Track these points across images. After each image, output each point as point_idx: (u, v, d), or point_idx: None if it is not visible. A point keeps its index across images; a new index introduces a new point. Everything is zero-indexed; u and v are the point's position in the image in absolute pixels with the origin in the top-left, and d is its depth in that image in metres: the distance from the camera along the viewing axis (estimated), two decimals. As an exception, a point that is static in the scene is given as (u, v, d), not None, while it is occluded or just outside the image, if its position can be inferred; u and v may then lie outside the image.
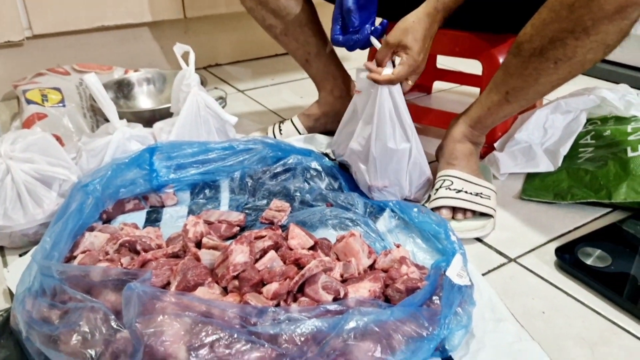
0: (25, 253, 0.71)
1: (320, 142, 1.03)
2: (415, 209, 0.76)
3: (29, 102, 0.98)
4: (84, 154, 0.82)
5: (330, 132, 1.06)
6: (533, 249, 0.76)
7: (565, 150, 0.91)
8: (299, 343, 0.49)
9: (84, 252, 0.65)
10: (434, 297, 0.60)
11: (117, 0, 1.28)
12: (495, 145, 0.97)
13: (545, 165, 0.92)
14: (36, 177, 0.73)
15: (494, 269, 0.72)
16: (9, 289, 0.65)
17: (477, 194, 0.80)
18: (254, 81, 1.46)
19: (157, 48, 1.43)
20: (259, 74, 1.52)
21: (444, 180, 0.83)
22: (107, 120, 0.86)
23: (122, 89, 1.13)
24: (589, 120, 1.00)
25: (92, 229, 0.71)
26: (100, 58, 1.30)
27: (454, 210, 0.81)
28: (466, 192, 0.80)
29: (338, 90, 1.06)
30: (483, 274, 0.71)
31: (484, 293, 0.66)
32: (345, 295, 0.57)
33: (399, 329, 0.53)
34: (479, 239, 0.78)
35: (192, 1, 1.39)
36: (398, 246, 0.68)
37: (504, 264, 0.73)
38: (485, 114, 0.82)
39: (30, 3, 1.17)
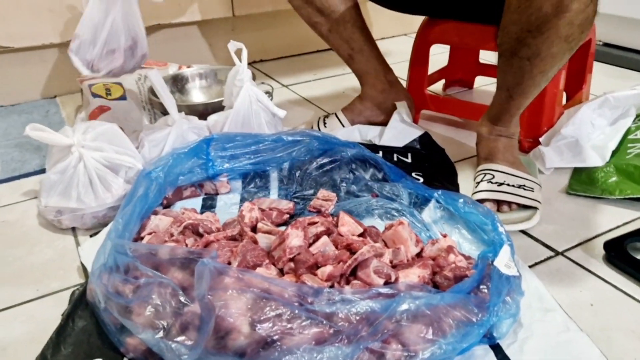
0: (96, 234, 0.77)
1: (364, 132, 1.06)
2: (461, 200, 0.78)
3: (94, 95, 1.05)
4: (146, 144, 0.87)
5: (373, 125, 1.09)
6: (580, 243, 0.77)
7: (613, 145, 0.91)
8: (354, 322, 0.52)
9: (150, 233, 0.70)
10: (482, 286, 0.61)
11: (171, 0, 1.34)
12: (541, 139, 0.98)
13: (592, 160, 0.92)
14: (105, 165, 0.79)
15: (541, 261, 0.73)
16: (83, 266, 0.71)
17: (520, 186, 0.81)
18: (297, 76, 1.50)
19: (206, 45, 1.49)
20: (302, 69, 1.56)
21: (485, 174, 0.85)
22: (163, 113, 0.91)
23: (177, 84, 1.19)
24: (638, 116, 0.99)
25: (156, 213, 0.76)
26: (154, 54, 1.36)
27: (498, 203, 0.82)
28: (508, 184, 0.81)
29: (380, 84, 1.08)
30: (530, 266, 0.72)
31: (531, 284, 0.67)
32: (396, 279, 0.60)
33: (449, 313, 0.55)
34: (524, 232, 0.80)
35: (240, 0, 1.44)
36: (445, 236, 0.71)
37: (550, 257, 0.74)
38: (499, 111, 0.86)
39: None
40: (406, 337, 0.53)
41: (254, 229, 0.72)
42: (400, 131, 1.06)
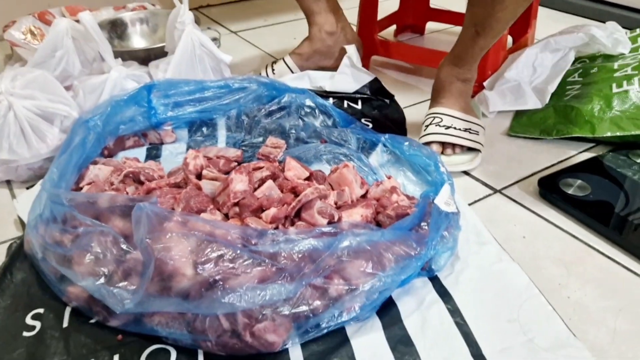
0: (32, 186, 0.74)
1: (314, 79, 1.05)
2: (407, 143, 0.79)
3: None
4: (81, 92, 0.83)
5: (322, 69, 1.08)
6: (517, 181, 0.80)
7: (552, 87, 0.93)
8: (297, 260, 0.53)
9: (89, 183, 0.68)
10: (422, 224, 0.64)
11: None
12: (485, 84, 0.99)
13: (533, 102, 0.95)
14: (38, 114, 0.75)
15: (480, 199, 0.76)
16: (20, 219, 0.68)
17: (465, 130, 0.83)
18: (246, 22, 1.45)
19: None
20: (251, 14, 1.50)
21: (434, 117, 0.86)
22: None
23: (115, 29, 1.13)
24: (578, 59, 1.02)
25: (95, 163, 0.73)
26: (90, -2, 1.28)
27: (444, 145, 0.84)
28: (455, 127, 0.83)
29: (329, 26, 1.06)
30: (469, 204, 0.75)
31: (470, 220, 0.70)
32: (339, 219, 0.61)
33: (389, 249, 0.57)
34: (466, 172, 0.82)
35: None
36: (389, 177, 0.72)
37: (489, 195, 0.77)
38: (463, 50, 0.84)
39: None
40: (347, 272, 0.54)
41: (199, 176, 0.71)
42: (350, 76, 1.05)
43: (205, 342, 0.51)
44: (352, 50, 1.05)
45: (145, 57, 0.98)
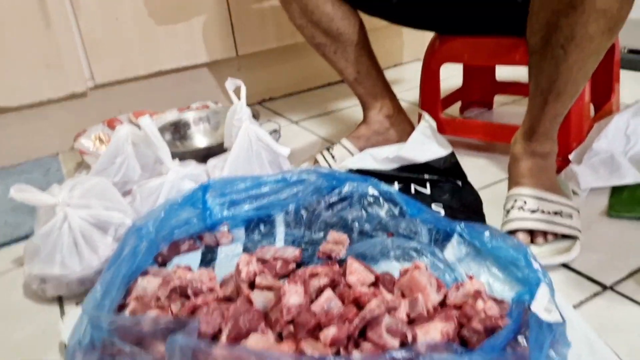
0: (82, 302, 0.70)
1: (378, 155, 0.98)
2: (487, 233, 0.68)
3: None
4: (138, 197, 0.81)
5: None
6: (631, 274, 0.66)
7: (656, 157, 0.80)
8: (363, 398, 0.43)
9: (136, 299, 0.63)
10: (519, 337, 0.52)
11: (172, 45, 1.31)
12: (571, 157, 0.88)
13: (632, 176, 0.82)
14: (92, 223, 0.73)
15: (587, 299, 0.63)
16: (65, 344, 0.64)
17: (556, 213, 0.71)
18: (306, 112, 1.44)
19: (212, 87, 1.45)
20: (312, 104, 1.50)
21: (516, 200, 0.75)
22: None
23: (178, 130, 1.14)
24: (682, 122, 0.88)
25: (145, 273, 0.69)
26: (158, 102, 1.33)
27: (532, 233, 0.72)
28: (543, 211, 0.71)
29: (387, 109, 1.03)
30: (574, 306, 0.62)
31: (578, 329, 0.57)
32: (414, 339, 0.50)
33: (479, 378, 0.45)
34: (565, 265, 0.69)
35: (243, 39, 1.41)
36: (471, 278, 0.61)
37: (598, 293, 0.64)
38: (535, 122, 0.75)
39: (92, 54, 1.22)
40: (429, 414, 0.43)
41: (253, 284, 0.64)
42: (424, 144, 0.97)
43: None
44: (428, 116, 0.99)
45: (206, 156, 0.97)
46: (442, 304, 0.59)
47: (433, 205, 0.89)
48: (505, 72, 1.25)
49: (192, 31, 1.33)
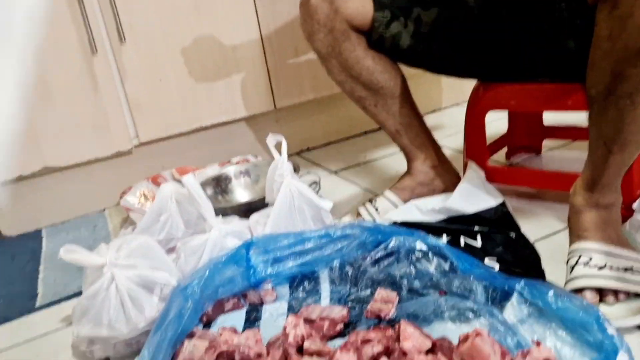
0: (128, 365, 0.69)
1: (423, 206, 0.95)
2: (551, 293, 0.63)
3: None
4: (182, 255, 0.81)
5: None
6: None
7: None
8: None
9: (182, 363, 0.61)
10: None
11: (212, 101, 1.35)
12: (635, 206, 0.82)
13: None
14: (138, 283, 0.72)
15: (669, 365, 0.57)
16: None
17: (626, 270, 0.66)
18: (345, 161, 1.43)
19: (251, 140, 1.47)
20: (350, 153, 1.50)
21: (580, 255, 0.70)
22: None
23: (219, 184, 1.15)
24: None
25: (192, 335, 0.67)
26: (200, 157, 1.36)
27: (601, 292, 0.67)
28: (612, 267, 0.66)
29: (431, 160, 1.01)
30: (655, 373, 0.56)
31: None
32: (481, 414, 0.46)
33: None
34: None
35: (281, 92, 1.43)
36: (538, 344, 0.56)
37: (681, 358, 0.57)
38: (597, 173, 0.71)
39: (137, 114, 1.26)
40: None
41: (301, 348, 0.61)
42: (472, 195, 0.93)
43: None
44: (475, 165, 0.96)
45: (248, 210, 0.97)
46: (507, 372, 0.55)
47: (486, 260, 0.84)
48: (553, 116, 1.22)
49: (231, 87, 1.36)
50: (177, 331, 0.65)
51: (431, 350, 0.56)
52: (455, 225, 0.93)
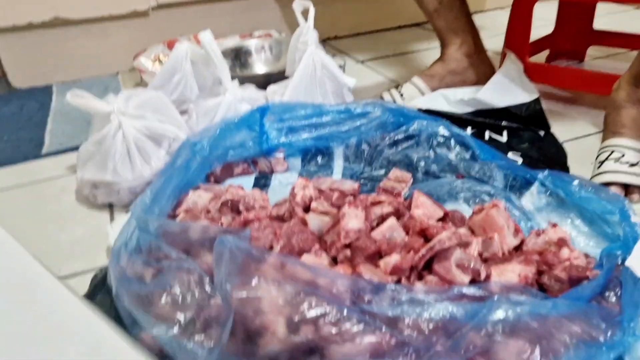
0: (132, 209, 0.68)
1: (451, 96, 0.89)
2: (576, 182, 0.60)
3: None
4: (194, 114, 0.78)
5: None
6: None
7: None
8: (426, 331, 0.38)
9: (186, 210, 0.60)
10: (607, 293, 0.45)
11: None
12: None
13: None
14: (146, 134, 0.70)
15: (690, 264, 0.54)
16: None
17: (660, 167, 0.62)
18: (374, 52, 1.35)
19: (276, 15, 1.38)
20: (380, 45, 1.41)
21: (612, 151, 0.66)
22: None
23: (239, 57, 1.10)
24: None
25: (197, 189, 0.66)
26: (220, 27, 1.28)
27: (627, 188, 0.63)
28: (645, 164, 0.62)
29: (467, 47, 0.93)
30: (674, 270, 0.53)
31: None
32: (487, 277, 0.44)
33: (564, 328, 0.39)
34: (663, 226, 0.60)
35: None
36: (554, 226, 0.53)
37: None
38: None
39: (156, -29, 1.18)
40: (500, 358, 0.37)
41: (308, 209, 0.59)
42: (505, 88, 0.88)
43: None
44: (514, 56, 0.89)
45: (265, 83, 0.92)
46: (519, 250, 0.53)
47: (509, 154, 0.80)
48: (603, 21, 1.11)
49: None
50: (182, 181, 0.63)
51: (442, 219, 0.54)
52: (481, 119, 0.88)
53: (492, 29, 1.41)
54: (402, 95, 0.94)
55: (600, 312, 0.41)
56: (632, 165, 0.63)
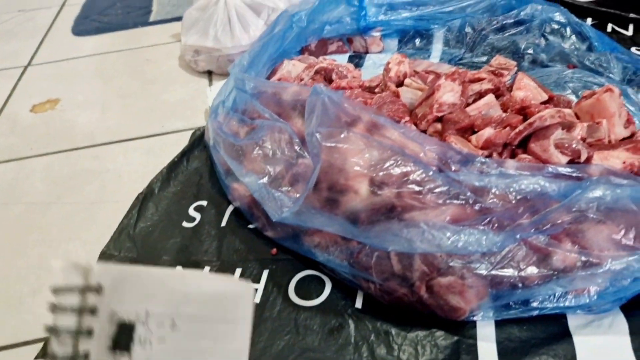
0: (229, 77, 0.71)
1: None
2: None
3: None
4: (293, -12, 0.76)
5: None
6: None
7: None
8: (512, 202, 0.37)
9: (280, 78, 0.60)
10: None
11: None
12: None
13: None
14: (247, 3, 0.70)
15: None
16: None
17: None
18: None
19: None
20: None
21: None
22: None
23: None
24: None
25: (291, 59, 0.66)
26: None
27: None
28: None
29: None
30: None
31: None
32: (588, 160, 0.42)
33: (667, 217, 0.36)
34: None
35: None
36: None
37: None
38: None
39: None
40: (589, 238, 0.36)
41: (400, 85, 0.57)
42: None
43: (368, 282, 0.40)
44: None
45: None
46: (628, 140, 0.48)
47: (633, 49, 0.71)
48: None
49: None
50: (277, 50, 0.64)
51: (546, 103, 0.50)
52: (605, 9, 0.78)
53: None
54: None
55: None
56: None
